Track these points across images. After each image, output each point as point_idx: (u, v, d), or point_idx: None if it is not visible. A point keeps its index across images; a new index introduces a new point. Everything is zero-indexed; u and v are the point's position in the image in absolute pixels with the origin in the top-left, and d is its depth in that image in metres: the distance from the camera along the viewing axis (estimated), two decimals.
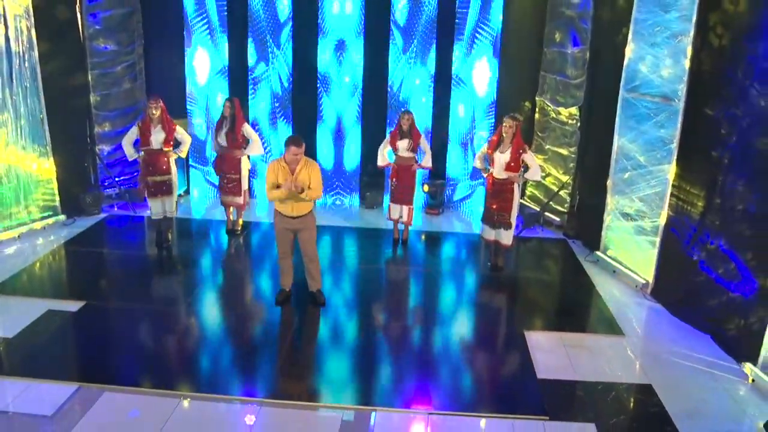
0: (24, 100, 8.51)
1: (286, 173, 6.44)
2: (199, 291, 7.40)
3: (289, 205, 6.51)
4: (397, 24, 9.71)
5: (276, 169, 6.48)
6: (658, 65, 7.25)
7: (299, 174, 6.43)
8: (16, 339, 5.98)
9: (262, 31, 9.87)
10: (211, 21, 9.91)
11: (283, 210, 6.58)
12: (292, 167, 6.45)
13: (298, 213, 6.57)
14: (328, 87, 10.01)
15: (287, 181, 6.38)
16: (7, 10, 8.12)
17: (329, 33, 9.79)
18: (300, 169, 6.45)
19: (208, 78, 10.16)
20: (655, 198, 7.36)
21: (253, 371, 5.73)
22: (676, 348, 6.27)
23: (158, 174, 8.09)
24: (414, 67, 9.86)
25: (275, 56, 9.97)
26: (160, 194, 8.17)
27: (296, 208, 6.53)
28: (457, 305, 7.34)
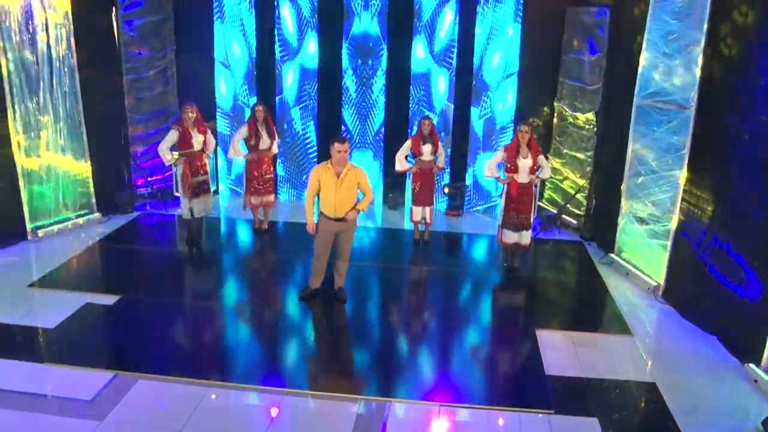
0: (63, 104, 8.98)
1: (330, 176, 6.66)
2: (228, 287, 7.81)
3: (332, 206, 6.74)
4: (419, 27, 10.01)
5: (319, 175, 6.69)
6: (670, 73, 7.45)
7: (345, 178, 6.65)
8: (57, 330, 6.40)
9: (287, 32, 10.26)
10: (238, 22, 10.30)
11: (326, 212, 6.81)
12: (337, 170, 6.66)
13: (342, 215, 6.78)
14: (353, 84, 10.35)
15: (351, 212, 6.72)
16: (49, 19, 8.58)
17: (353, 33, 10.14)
18: (346, 173, 6.67)
19: (236, 81, 10.56)
20: (667, 202, 7.57)
21: (277, 363, 6.11)
22: (682, 348, 6.50)
23: (201, 174, 8.47)
24: (436, 70, 10.15)
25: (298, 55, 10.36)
26: (203, 193, 8.54)
27: (339, 209, 6.74)
28: (473, 304, 7.63)
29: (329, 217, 6.81)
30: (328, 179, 6.68)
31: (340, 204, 6.72)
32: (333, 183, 6.66)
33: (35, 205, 8.83)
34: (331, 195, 6.70)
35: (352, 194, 6.78)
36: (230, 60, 10.47)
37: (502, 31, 9.78)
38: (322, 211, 6.85)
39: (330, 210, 6.76)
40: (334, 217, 6.79)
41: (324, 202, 6.78)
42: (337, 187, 6.66)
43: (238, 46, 10.40)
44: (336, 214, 6.76)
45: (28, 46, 8.38)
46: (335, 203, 6.71)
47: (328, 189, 6.69)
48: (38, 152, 8.76)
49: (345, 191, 6.70)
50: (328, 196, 6.73)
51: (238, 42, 10.38)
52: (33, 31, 8.41)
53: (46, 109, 8.75)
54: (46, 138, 8.83)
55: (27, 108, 8.49)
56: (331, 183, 6.67)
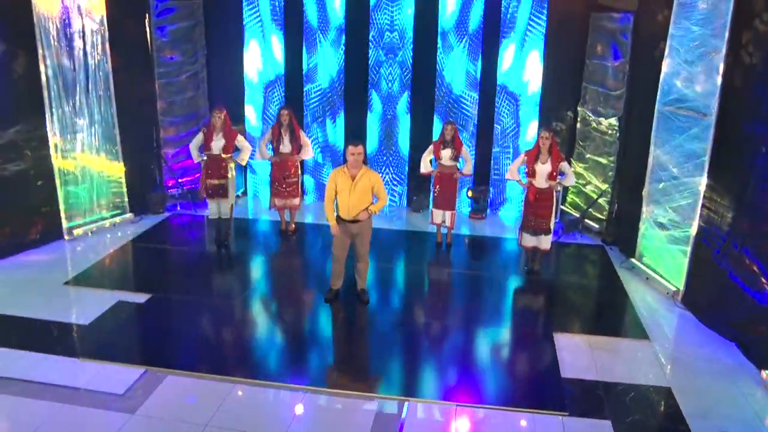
0: (98, 108, 9.31)
1: (346, 180, 6.88)
2: (254, 287, 8.04)
3: (347, 208, 6.95)
4: (446, 29, 10.17)
5: (336, 178, 6.93)
6: (692, 80, 7.50)
7: (359, 181, 6.86)
8: (91, 326, 6.69)
9: (315, 35, 10.48)
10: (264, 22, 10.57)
11: (341, 214, 7.02)
12: (352, 173, 6.88)
13: (357, 218, 6.99)
14: (378, 89, 10.53)
15: (365, 211, 6.93)
16: (85, 26, 8.90)
17: (380, 37, 10.32)
18: (360, 177, 6.88)
19: (264, 84, 10.81)
20: (687, 209, 7.62)
21: (301, 361, 6.32)
22: (700, 353, 6.56)
23: (216, 178, 8.71)
24: (461, 74, 10.30)
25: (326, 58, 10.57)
26: (217, 196, 8.80)
27: (354, 212, 6.94)
28: (493, 306, 7.75)
29: (344, 220, 7.03)
30: (344, 182, 6.89)
31: (353, 206, 6.93)
32: (348, 186, 6.88)
33: (71, 205, 9.17)
34: (345, 198, 6.92)
35: (366, 197, 6.97)
36: (260, 66, 10.73)
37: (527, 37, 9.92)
38: (338, 214, 7.08)
39: (344, 212, 6.99)
40: (348, 219, 7.00)
41: (339, 204, 7.01)
42: (351, 190, 6.87)
43: (268, 52, 10.66)
44: (350, 217, 6.97)
45: (66, 52, 8.72)
46: (349, 206, 6.93)
47: (343, 192, 6.91)
48: (74, 154, 9.10)
49: (359, 194, 6.90)
50: (343, 199, 6.95)
51: (268, 48, 10.63)
52: (70, 38, 8.74)
53: (81, 112, 9.09)
54: (81, 140, 9.16)
55: (64, 111, 8.83)
56: (346, 186, 6.89)
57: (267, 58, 10.70)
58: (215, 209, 8.90)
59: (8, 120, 8.19)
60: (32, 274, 7.87)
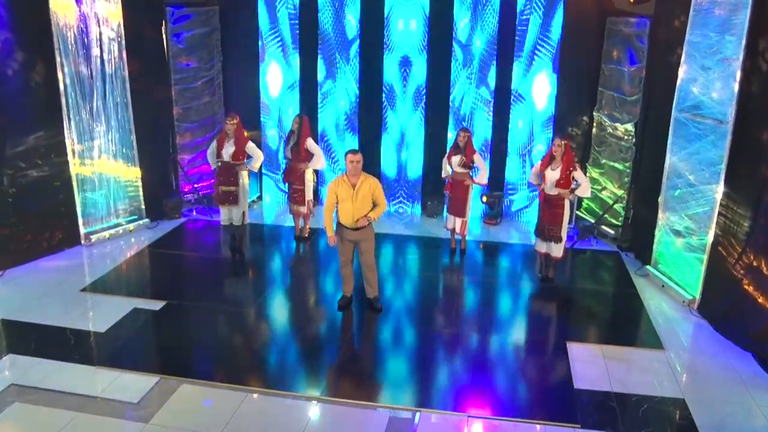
0: (115, 114, 9.41)
1: (346, 188, 6.96)
2: (268, 293, 8.08)
3: (350, 216, 7.02)
4: (459, 41, 10.15)
5: (336, 187, 7.02)
6: (708, 87, 7.43)
7: (360, 189, 6.93)
8: (107, 334, 6.77)
9: (331, 47, 10.49)
10: (284, 38, 10.59)
11: (344, 222, 7.11)
12: (352, 181, 6.96)
13: (359, 225, 7.05)
14: (393, 100, 10.53)
15: (360, 221, 6.96)
16: (102, 34, 9.00)
17: (395, 49, 10.32)
18: (361, 184, 6.96)
19: (281, 92, 10.85)
20: (704, 216, 7.55)
21: (314, 370, 6.33)
22: (715, 364, 6.50)
23: (226, 184, 8.73)
24: (474, 82, 10.27)
25: (343, 71, 10.57)
26: (228, 203, 8.82)
27: (356, 220, 7.00)
28: (506, 314, 7.74)
29: (347, 227, 7.10)
30: (345, 191, 6.97)
31: (356, 213, 7.01)
32: (349, 194, 6.95)
33: (88, 211, 9.28)
34: (348, 206, 7.00)
35: (367, 204, 7.04)
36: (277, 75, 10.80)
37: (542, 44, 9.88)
38: (340, 222, 7.16)
39: (347, 220, 7.06)
40: (351, 227, 7.07)
41: (342, 213, 7.09)
42: (353, 198, 6.95)
43: (284, 61, 10.71)
44: (353, 224, 7.04)
45: (83, 59, 8.82)
46: (352, 213, 7.00)
47: (345, 200, 6.99)
48: (91, 160, 9.19)
49: (360, 201, 6.98)
50: (345, 207, 7.02)
51: (283, 57, 10.68)
52: (88, 46, 8.84)
53: (99, 118, 9.19)
54: (99, 146, 9.26)
55: (81, 118, 8.93)
56: (347, 194, 6.96)
57: (283, 64, 10.74)
58: (226, 215, 8.94)
59: (28, 127, 8.32)
60: (50, 281, 7.97)
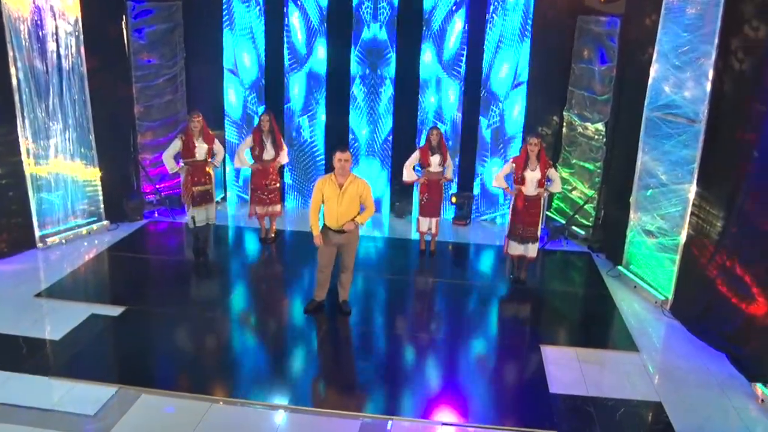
0: (72, 112, 9.02)
1: (333, 188, 6.68)
2: (234, 298, 7.80)
3: (335, 218, 6.75)
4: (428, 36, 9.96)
5: (322, 186, 6.72)
6: (680, 86, 7.38)
7: (347, 190, 6.66)
8: (62, 341, 6.42)
9: (295, 39, 10.24)
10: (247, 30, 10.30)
11: (329, 223, 6.82)
12: (340, 181, 6.68)
13: (344, 227, 6.78)
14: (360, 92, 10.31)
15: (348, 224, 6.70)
16: (58, 28, 8.62)
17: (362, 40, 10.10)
18: (348, 185, 6.68)
19: (245, 90, 10.56)
20: (676, 216, 7.50)
21: (282, 377, 6.08)
22: (690, 365, 6.43)
23: (202, 184, 8.46)
24: (445, 79, 10.10)
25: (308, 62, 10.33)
26: (205, 203, 8.54)
27: (342, 221, 6.73)
28: (478, 317, 7.58)
29: (331, 229, 6.82)
30: (331, 191, 6.69)
31: (342, 216, 6.73)
32: (335, 194, 6.67)
33: (44, 213, 8.88)
34: (333, 207, 6.71)
35: (355, 206, 6.78)
36: (239, 68, 10.47)
37: (511, 40, 9.71)
38: (325, 223, 6.87)
39: (332, 222, 6.78)
40: (336, 229, 6.80)
41: (327, 213, 6.80)
42: (339, 199, 6.67)
43: (247, 54, 10.41)
44: (338, 226, 6.77)
45: (38, 54, 8.43)
46: (337, 215, 6.72)
47: (331, 201, 6.71)
48: (47, 160, 8.81)
49: (347, 203, 6.71)
50: (330, 208, 6.74)
51: (248, 50, 10.39)
52: (43, 40, 8.45)
53: (55, 116, 8.80)
54: (55, 145, 8.87)
55: (36, 116, 8.54)
56: (333, 194, 6.68)
57: (247, 61, 10.43)
58: (203, 216, 8.63)
59: None
60: (2, 286, 7.57)
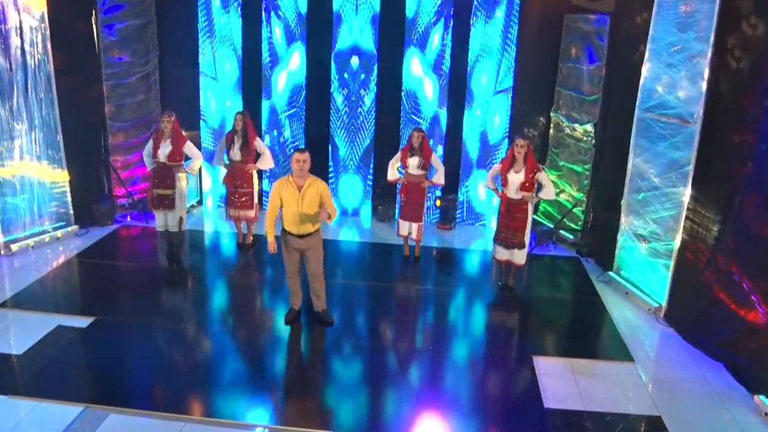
0: (39, 111, 8.59)
1: (292, 191, 6.36)
2: (209, 307, 7.41)
3: (295, 222, 6.43)
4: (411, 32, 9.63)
5: (281, 188, 6.40)
6: (674, 86, 7.13)
7: (306, 192, 6.35)
8: (25, 356, 6.00)
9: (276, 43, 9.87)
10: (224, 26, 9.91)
11: (289, 228, 6.51)
12: (298, 183, 6.36)
13: (305, 231, 6.49)
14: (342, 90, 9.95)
15: (322, 212, 6.34)
16: (23, 23, 8.18)
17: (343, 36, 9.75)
18: (307, 187, 6.36)
19: (222, 86, 10.16)
20: (670, 220, 7.25)
21: (260, 394, 5.70)
22: (687, 376, 6.17)
23: (161, 187, 8.07)
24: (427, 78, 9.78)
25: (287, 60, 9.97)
26: (163, 207, 8.14)
27: (303, 226, 6.44)
28: (466, 327, 7.26)
29: (292, 234, 6.50)
30: (290, 194, 6.37)
31: (302, 219, 6.41)
32: (294, 197, 6.35)
33: (9, 218, 8.44)
34: (293, 210, 6.39)
35: (315, 209, 6.44)
36: (217, 70, 10.07)
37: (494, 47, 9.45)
38: (285, 228, 6.54)
39: (292, 226, 6.45)
40: (297, 234, 6.47)
41: (286, 218, 6.47)
42: (298, 202, 6.35)
43: (225, 55, 10.00)
44: (299, 231, 6.45)
45: (1, 50, 7.99)
46: (298, 219, 6.40)
47: (290, 204, 6.38)
48: (11, 162, 8.36)
49: (307, 206, 6.38)
50: (289, 212, 6.41)
51: (225, 51, 9.98)
52: (6, 35, 8.03)
53: (20, 116, 8.36)
54: (20, 146, 8.43)
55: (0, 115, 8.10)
56: (292, 197, 6.36)
57: (224, 58, 10.03)
58: (162, 221, 8.26)
59: None
60: None
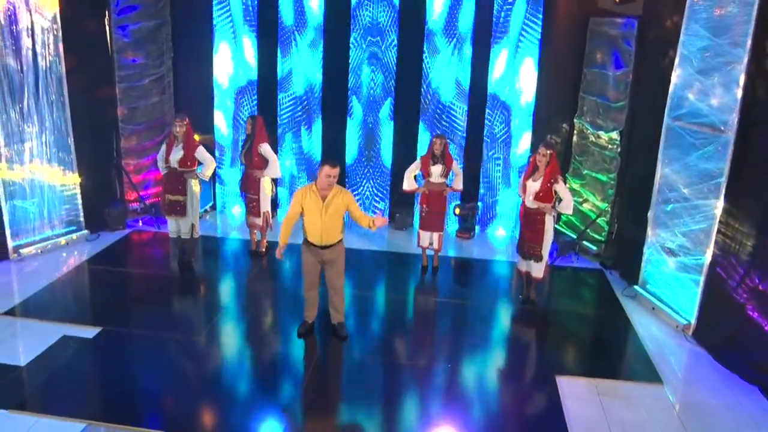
0: (50, 114, 8.43)
1: (315, 200, 6.09)
2: (220, 318, 7.15)
3: (318, 233, 6.16)
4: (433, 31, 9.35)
5: (303, 197, 6.12)
6: (707, 93, 6.80)
7: (331, 202, 6.07)
8: (27, 368, 5.80)
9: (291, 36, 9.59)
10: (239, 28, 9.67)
11: (311, 239, 6.24)
12: (323, 193, 6.10)
13: (328, 242, 6.21)
14: (359, 94, 9.66)
15: (375, 220, 6.15)
16: (35, 24, 8.01)
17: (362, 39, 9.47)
18: (332, 198, 6.09)
19: (236, 89, 9.92)
20: (700, 234, 6.91)
21: (272, 412, 5.44)
22: (720, 400, 5.83)
23: (172, 193, 7.91)
24: (449, 80, 9.49)
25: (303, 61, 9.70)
26: (174, 214, 7.98)
27: (326, 237, 6.17)
28: (486, 344, 6.90)
29: (314, 245, 6.23)
30: (313, 203, 6.09)
31: (325, 230, 6.14)
32: (318, 207, 6.08)
33: (18, 222, 8.27)
34: (316, 221, 6.11)
35: (339, 220, 6.20)
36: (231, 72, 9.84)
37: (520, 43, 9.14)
38: (306, 239, 6.27)
39: (315, 237, 6.18)
40: (319, 245, 6.20)
41: (308, 228, 6.20)
42: (322, 213, 6.07)
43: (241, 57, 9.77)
44: (321, 241, 6.18)
45: (12, 51, 7.83)
46: (321, 230, 6.13)
47: (313, 214, 6.11)
48: (21, 165, 8.19)
49: (331, 217, 6.11)
50: (312, 222, 6.14)
51: (241, 53, 9.75)
52: (17, 36, 7.86)
53: (30, 118, 8.19)
54: (30, 149, 8.26)
55: (9, 117, 7.94)
56: (315, 208, 6.08)
57: (238, 61, 9.78)
58: (174, 227, 8.10)
59: None
60: None
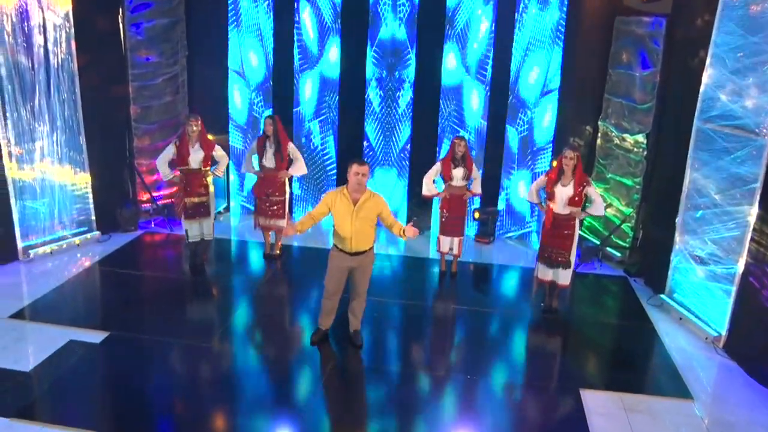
0: (61, 112, 8.28)
1: (346, 204, 5.83)
2: (232, 323, 6.94)
3: (349, 240, 5.90)
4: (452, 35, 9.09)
5: (332, 201, 5.87)
6: (740, 94, 6.50)
7: (362, 207, 5.82)
8: (32, 374, 5.63)
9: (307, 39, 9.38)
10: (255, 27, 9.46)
11: (340, 245, 5.98)
12: (354, 196, 5.85)
13: (359, 248, 5.96)
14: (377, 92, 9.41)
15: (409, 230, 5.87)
16: (47, 21, 7.86)
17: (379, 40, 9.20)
18: (364, 202, 5.84)
19: (252, 89, 9.73)
20: (732, 242, 6.61)
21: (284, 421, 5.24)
22: (755, 418, 5.53)
23: (196, 195, 7.73)
24: (469, 83, 9.22)
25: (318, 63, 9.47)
26: (198, 216, 7.82)
27: (357, 243, 5.92)
28: (505, 354, 6.64)
29: (344, 251, 5.96)
30: (343, 207, 5.83)
31: (356, 236, 5.87)
32: (348, 211, 5.82)
33: (28, 222, 8.14)
34: (346, 225, 5.85)
35: (371, 225, 5.94)
36: (246, 69, 9.64)
37: (542, 42, 8.83)
38: (336, 244, 6.02)
39: (345, 243, 5.92)
40: (349, 251, 5.94)
41: (338, 233, 5.93)
42: (353, 217, 5.81)
43: (255, 53, 9.55)
44: (351, 248, 5.92)
45: (23, 49, 7.70)
46: (351, 235, 5.86)
47: (343, 218, 5.84)
48: (32, 164, 8.05)
49: (362, 221, 5.85)
50: (342, 227, 5.87)
51: (255, 50, 9.53)
52: (28, 33, 7.72)
53: (41, 117, 8.06)
54: (41, 149, 8.12)
55: (20, 116, 7.80)
56: (346, 211, 5.82)
57: (255, 61, 9.59)
58: (197, 230, 7.92)
59: None
60: None
